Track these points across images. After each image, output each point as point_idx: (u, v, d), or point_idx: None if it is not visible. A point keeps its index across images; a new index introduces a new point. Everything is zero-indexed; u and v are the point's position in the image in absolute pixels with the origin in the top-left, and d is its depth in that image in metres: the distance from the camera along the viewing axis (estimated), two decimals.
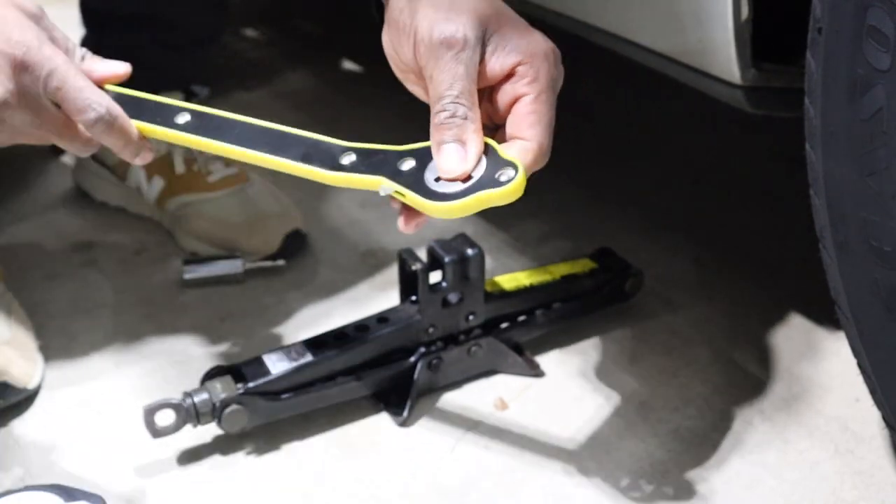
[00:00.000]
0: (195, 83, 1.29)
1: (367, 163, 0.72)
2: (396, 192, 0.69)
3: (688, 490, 0.87)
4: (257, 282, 1.17)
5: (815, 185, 0.78)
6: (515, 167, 0.66)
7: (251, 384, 0.91)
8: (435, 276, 0.96)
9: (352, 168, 0.71)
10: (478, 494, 0.87)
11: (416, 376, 0.96)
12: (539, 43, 0.72)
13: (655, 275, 1.16)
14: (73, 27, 1.34)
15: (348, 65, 1.78)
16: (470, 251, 0.96)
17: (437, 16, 0.69)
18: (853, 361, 0.82)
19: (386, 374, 0.96)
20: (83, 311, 1.11)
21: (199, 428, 0.91)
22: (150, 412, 0.88)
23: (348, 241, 1.26)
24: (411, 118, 0.87)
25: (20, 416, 0.96)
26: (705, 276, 1.17)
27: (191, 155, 1.25)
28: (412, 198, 0.68)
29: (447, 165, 0.69)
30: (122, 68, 0.82)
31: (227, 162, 1.26)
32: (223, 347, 1.06)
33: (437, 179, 0.68)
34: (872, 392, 0.81)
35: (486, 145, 0.69)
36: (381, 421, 0.96)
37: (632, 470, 0.89)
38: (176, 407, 0.89)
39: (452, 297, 0.97)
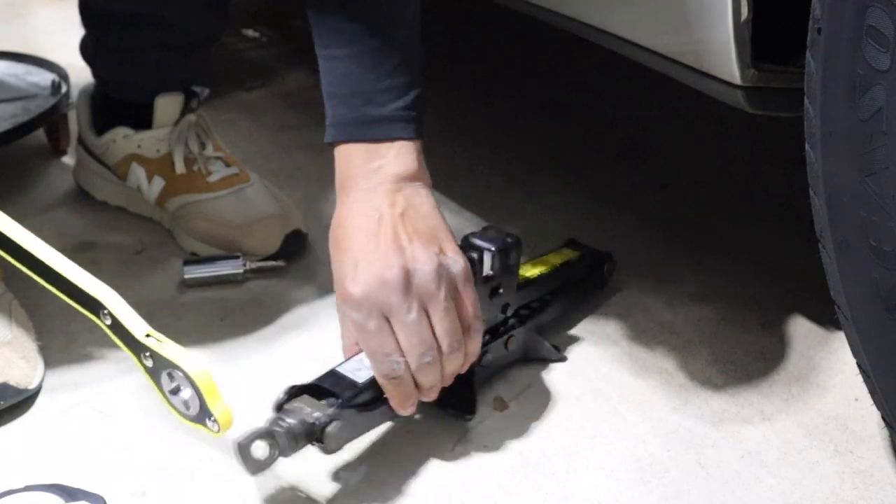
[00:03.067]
0: (195, 83, 1.29)
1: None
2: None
3: (688, 490, 0.87)
4: (257, 282, 1.17)
5: (814, 185, 0.78)
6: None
7: (347, 395, 0.85)
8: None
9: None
10: (478, 494, 0.87)
11: (474, 374, 0.93)
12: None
13: (656, 275, 1.16)
14: (73, 27, 1.34)
15: None
16: (510, 239, 0.94)
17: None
18: (853, 361, 0.82)
19: None
20: None
21: (199, 428, 0.91)
22: (245, 446, 0.79)
23: None
24: None
25: (20, 417, 0.96)
26: (705, 276, 1.17)
27: (191, 155, 1.25)
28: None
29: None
30: None
31: (228, 162, 1.26)
32: (223, 347, 1.06)
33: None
34: (872, 392, 0.81)
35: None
36: None
37: (632, 470, 0.89)
38: (271, 435, 0.81)
39: (500, 290, 0.96)
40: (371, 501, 0.87)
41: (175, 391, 0.77)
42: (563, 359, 1.03)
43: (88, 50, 1.28)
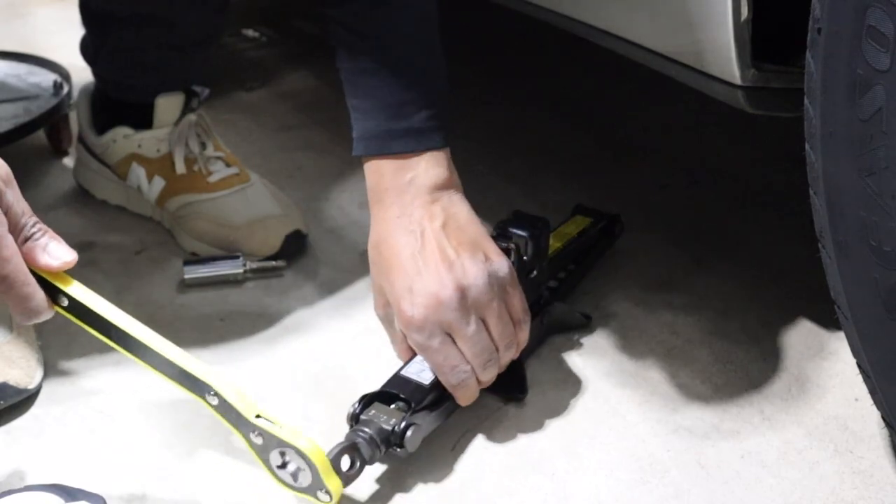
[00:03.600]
0: (195, 83, 1.29)
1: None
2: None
3: (688, 490, 0.87)
4: (257, 282, 1.17)
5: (814, 185, 0.78)
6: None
7: (417, 399, 0.87)
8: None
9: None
10: (478, 494, 0.87)
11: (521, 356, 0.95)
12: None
13: (656, 274, 1.16)
14: (73, 27, 1.34)
15: None
16: (539, 224, 0.98)
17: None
18: (853, 361, 0.82)
19: None
20: None
21: (199, 429, 0.91)
22: (334, 461, 0.82)
23: (348, 241, 1.26)
24: None
25: (21, 416, 0.96)
26: (706, 276, 1.17)
27: (191, 155, 1.25)
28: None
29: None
30: (65, 259, 0.77)
31: (228, 162, 1.26)
32: (223, 348, 1.06)
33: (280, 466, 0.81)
34: (872, 392, 0.81)
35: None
36: None
37: (632, 470, 0.89)
38: (355, 448, 0.84)
39: (534, 272, 0.98)
40: (370, 501, 0.87)
41: (283, 465, 0.81)
42: (589, 324, 1.07)
43: (89, 50, 1.29)
